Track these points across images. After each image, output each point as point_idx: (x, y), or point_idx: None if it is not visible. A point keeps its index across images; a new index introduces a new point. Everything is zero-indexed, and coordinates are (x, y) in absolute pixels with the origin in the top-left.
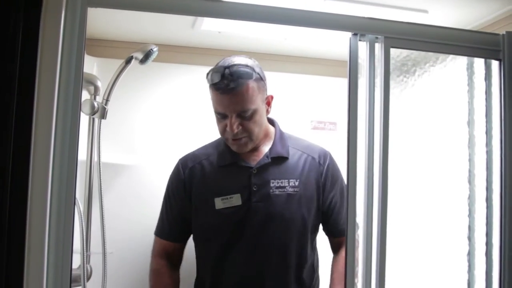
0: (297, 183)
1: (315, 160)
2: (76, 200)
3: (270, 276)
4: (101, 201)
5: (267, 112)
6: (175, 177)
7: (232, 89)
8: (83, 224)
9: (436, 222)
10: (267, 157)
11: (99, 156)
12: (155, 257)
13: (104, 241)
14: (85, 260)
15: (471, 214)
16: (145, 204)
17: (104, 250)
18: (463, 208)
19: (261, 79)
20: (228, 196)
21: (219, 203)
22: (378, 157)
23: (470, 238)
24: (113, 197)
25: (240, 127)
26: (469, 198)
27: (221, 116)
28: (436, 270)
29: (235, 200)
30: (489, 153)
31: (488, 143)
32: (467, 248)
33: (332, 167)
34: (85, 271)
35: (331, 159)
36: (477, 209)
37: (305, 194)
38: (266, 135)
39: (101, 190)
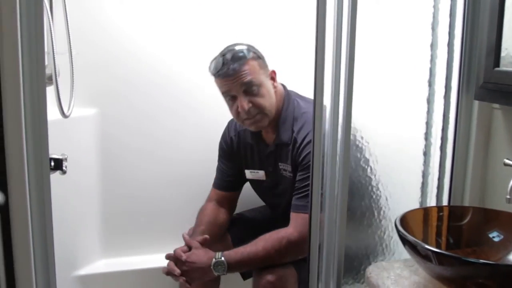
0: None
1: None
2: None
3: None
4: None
5: (274, 87)
6: (223, 140)
7: (233, 70)
8: (50, 21)
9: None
10: (274, 144)
11: None
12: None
13: (69, 40)
14: (54, 58)
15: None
16: None
17: (70, 49)
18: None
19: (259, 57)
20: (255, 171)
21: (248, 174)
22: None
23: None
24: None
25: (251, 104)
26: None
27: (231, 99)
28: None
29: (261, 174)
30: (453, 0)
31: None
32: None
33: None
34: (56, 68)
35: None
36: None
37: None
38: (278, 112)
39: None
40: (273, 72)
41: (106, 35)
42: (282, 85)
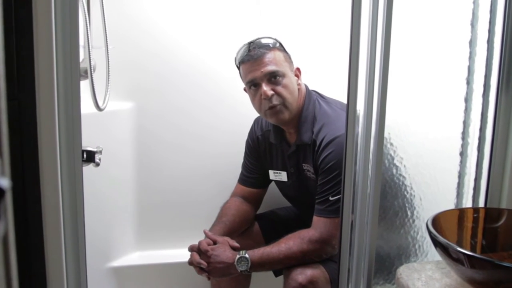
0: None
1: (316, 145)
2: None
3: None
4: None
5: (298, 84)
6: (250, 138)
7: (259, 54)
8: (87, 16)
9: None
10: (295, 145)
11: None
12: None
13: (106, 35)
14: (90, 53)
15: (471, 57)
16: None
17: (107, 44)
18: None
19: (285, 51)
20: (278, 172)
21: (272, 175)
22: None
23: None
24: None
25: (273, 92)
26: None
27: (254, 86)
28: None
29: (283, 176)
30: None
31: None
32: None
33: (330, 157)
34: (91, 63)
35: (335, 146)
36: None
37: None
38: (299, 112)
39: None
40: (298, 69)
41: (142, 30)
42: (304, 84)
